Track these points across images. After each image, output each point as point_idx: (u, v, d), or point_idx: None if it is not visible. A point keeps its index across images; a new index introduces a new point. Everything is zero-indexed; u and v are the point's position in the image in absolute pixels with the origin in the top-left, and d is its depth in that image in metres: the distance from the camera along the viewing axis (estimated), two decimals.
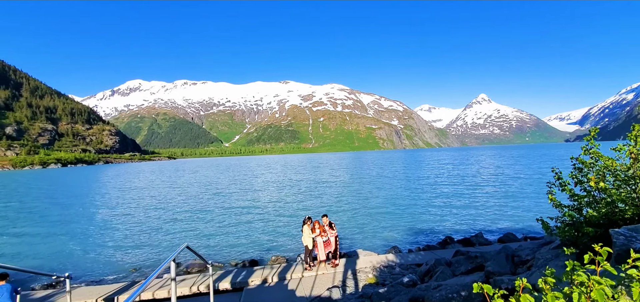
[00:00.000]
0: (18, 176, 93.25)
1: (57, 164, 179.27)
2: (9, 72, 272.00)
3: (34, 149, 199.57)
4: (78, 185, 50.70)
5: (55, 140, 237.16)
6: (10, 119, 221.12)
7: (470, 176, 40.78)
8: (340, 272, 8.76)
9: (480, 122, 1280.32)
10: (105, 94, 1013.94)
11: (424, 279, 7.08)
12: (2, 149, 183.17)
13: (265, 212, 21.40)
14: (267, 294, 7.67)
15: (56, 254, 13.57)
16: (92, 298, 7.73)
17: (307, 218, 9.32)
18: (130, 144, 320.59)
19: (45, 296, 8.17)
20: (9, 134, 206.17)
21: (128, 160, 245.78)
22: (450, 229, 15.73)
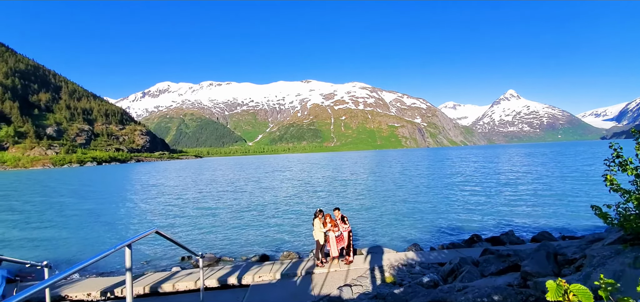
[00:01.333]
0: (57, 173, 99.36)
1: (93, 163, 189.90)
2: (49, 77, 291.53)
3: (72, 148, 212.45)
4: (108, 182, 53.05)
5: (91, 140, 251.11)
6: (50, 121, 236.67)
7: (498, 174, 38.51)
8: (353, 269, 8.10)
9: (509, 119, 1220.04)
10: (136, 96, 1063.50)
11: (447, 279, 6.27)
12: (44, 148, 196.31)
13: (282, 208, 21.03)
14: (274, 290, 7.15)
15: (71, 245, 13.83)
16: (95, 290, 7.55)
17: (318, 211, 8.71)
18: (160, 144, 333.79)
19: (53, 285, 8.09)
20: (50, 134, 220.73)
21: (157, 159, 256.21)
22: (477, 227, 14.56)
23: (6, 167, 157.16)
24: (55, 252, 12.89)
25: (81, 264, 2.21)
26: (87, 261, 2.16)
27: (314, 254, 9.57)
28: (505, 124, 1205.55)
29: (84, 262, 2.28)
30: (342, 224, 8.61)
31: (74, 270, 2.05)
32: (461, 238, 12.79)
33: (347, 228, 8.62)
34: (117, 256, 11.85)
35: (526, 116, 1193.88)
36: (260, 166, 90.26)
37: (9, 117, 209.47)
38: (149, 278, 8.25)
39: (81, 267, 2.00)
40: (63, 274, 1.96)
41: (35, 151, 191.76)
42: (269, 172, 58.12)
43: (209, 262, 10.24)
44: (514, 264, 5.42)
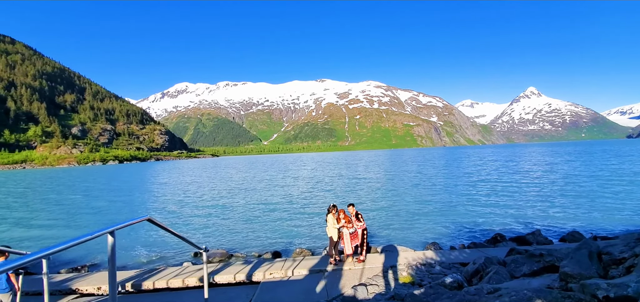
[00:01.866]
0: (80, 171, 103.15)
1: (115, 161, 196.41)
2: (74, 78, 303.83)
3: (95, 147, 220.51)
4: (127, 179, 54.49)
5: (113, 139, 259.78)
6: (75, 121, 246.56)
7: (520, 172, 36.97)
8: (369, 268, 7.69)
9: (529, 117, 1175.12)
10: (156, 97, 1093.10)
11: (471, 280, 5.78)
12: (69, 147, 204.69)
13: (295, 206, 20.78)
14: (285, 289, 6.84)
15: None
16: (105, 283, 7.46)
17: (331, 206, 8.33)
18: (178, 143, 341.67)
19: (64, 279, 8.09)
20: (75, 133, 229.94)
21: (176, 157, 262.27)
22: (500, 227, 13.80)
23: (34, 165, 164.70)
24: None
25: (54, 247, 1.88)
26: (61, 244, 1.88)
27: (327, 251, 9.22)
28: (525, 122, 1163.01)
29: (59, 245, 1.93)
30: (356, 221, 8.21)
31: (44, 254, 1.80)
32: (483, 237, 12.13)
33: (362, 226, 8.22)
34: (129, 250, 11.89)
35: (547, 114, 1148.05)
36: (274, 164, 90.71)
37: (36, 117, 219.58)
38: (156, 273, 8.11)
39: (54, 251, 1.77)
40: (31, 257, 1.77)
41: (61, 150, 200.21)
42: (283, 171, 58.20)
43: (220, 258, 10.06)
44: (550, 264, 4.87)
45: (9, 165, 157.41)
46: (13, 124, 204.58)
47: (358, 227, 8.18)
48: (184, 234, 13.74)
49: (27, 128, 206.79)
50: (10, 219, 20.33)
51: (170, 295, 7.06)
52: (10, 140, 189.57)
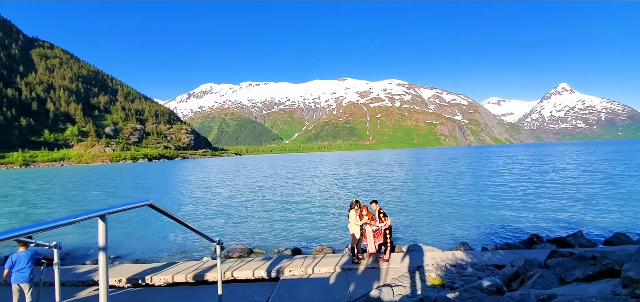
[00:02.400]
0: (112, 168, 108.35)
1: (144, 159, 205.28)
2: (107, 81, 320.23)
3: (126, 145, 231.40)
4: (158, 176, 56.51)
5: (143, 138, 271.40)
6: (108, 121, 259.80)
7: (554, 171, 34.76)
8: (393, 268, 7.24)
9: (560, 115, 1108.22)
10: (182, 97, 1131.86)
11: (510, 284, 5.22)
12: (103, 146, 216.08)
13: (316, 203, 20.51)
14: (305, 287, 6.55)
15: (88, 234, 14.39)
16: (125, 276, 7.48)
17: (354, 202, 7.95)
18: (203, 142, 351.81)
19: (85, 272, 8.21)
20: (107, 133, 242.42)
21: (201, 156, 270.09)
22: (534, 227, 12.84)
23: (71, 162, 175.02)
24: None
25: (33, 226, 1.66)
26: (44, 224, 1.71)
27: (348, 249, 8.84)
28: (557, 120, 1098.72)
29: (42, 224, 1.71)
30: (380, 218, 7.79)
31: (24, 232, 1.63)
32: (516, 238, 11.29)
33: (387, 224, 7.78)
34: (148, 243, 12.04)
35: (581, 112, 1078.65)
36: (295, 162, 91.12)
37: (73, 118, 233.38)
38: (173, 267, 8.06)
39: (34, 231, 1.64)
40: (11, 233, 1.58)
41: (96, 148, 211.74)
42: (304, 169, 58.23)
43: (240, 253, 9.94)
44: (609, 268, 4.23)
45: (48, 162, 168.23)
46: (52, 124, 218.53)
47: (382, 225, 7.76)
48: (204, 229, 13.78)
49: (64, 128, 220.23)
50: (33, 214, 21.46)
51: (187, 290, 6.96)
52: (50, 139, 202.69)
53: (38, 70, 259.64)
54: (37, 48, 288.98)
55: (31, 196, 31.14)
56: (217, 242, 4.81)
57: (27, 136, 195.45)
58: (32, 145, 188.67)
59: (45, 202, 26.28)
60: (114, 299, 6.55)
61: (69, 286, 7.28)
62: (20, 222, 17.89)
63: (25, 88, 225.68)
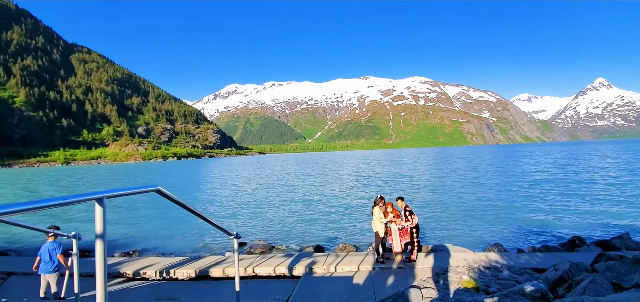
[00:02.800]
0: (145, 166, 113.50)
1: (174, 158, 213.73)
2: (139, 83, 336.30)
3: (157, 145, 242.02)
4: (184, 174, 58.48)
5: (172, 138, 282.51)
6: (141, 121, 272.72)
7: (591, 171, 32.31)
8: (421, 268, 6.84)
9: (598, 112, 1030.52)
10: (209, 98, 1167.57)
11: (555, 290, 4.69)
12: (136, 145, 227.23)
13: (339, 200, 20.23)
14: (327, 286, 6.31)
15: (140, 229, 14.85)
16: (152, 268, 7.58)
17: (378, 198, 7.60)
18: (229, 141, 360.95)
19: (112, 264, 8.41)
20: (140, 133, 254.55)
21: (226, 155, 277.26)
22: (573, 229, 11.83)
23: (107, 160, 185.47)
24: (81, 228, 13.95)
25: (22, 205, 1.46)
26: (34, 203, 1.55)
27: (373, 247, 8.51)
28: (593, 117, 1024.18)
29: (32, 203, 1.53)
30: (406, 216, 7.42)
31: (9, 210, 1.40)
32: (555, 240, 10.44)
33: (414, 222, 7.38)
34: (170, 237, 12.27)
35: (620, 108, 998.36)
36: (318, 161, 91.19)
37: (109, 118, 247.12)
38: (196, 261, 8.08)
39: (21, 210, 1.47)
40: None
41: (129, 148, 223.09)
42: (327, 167, 58.06)
43: (262, 249, 9.87)
44: None
45: (87, 160, 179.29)
46: (90, 124, 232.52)
47: (408, 223, 7.38)
48: (225, 224, 13.89)
49: (101, 128, 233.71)
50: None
51: (208, 284, 6.93)
52: (88, 139, 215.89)
53: (77, 74, 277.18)
54: (76, 53, 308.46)
55: (64, 191, 33.12)
56: (234, 235, 4.59)
57: (68, 136, 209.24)
58: (72, 144, 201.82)
59: None
60: (138, 292, 6.63)
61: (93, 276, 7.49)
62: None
63: (66, 91, 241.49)
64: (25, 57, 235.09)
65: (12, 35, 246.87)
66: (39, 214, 17.04)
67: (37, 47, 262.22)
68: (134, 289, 6.61)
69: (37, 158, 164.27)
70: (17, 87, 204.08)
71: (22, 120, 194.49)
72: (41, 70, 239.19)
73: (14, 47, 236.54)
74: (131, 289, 6.62)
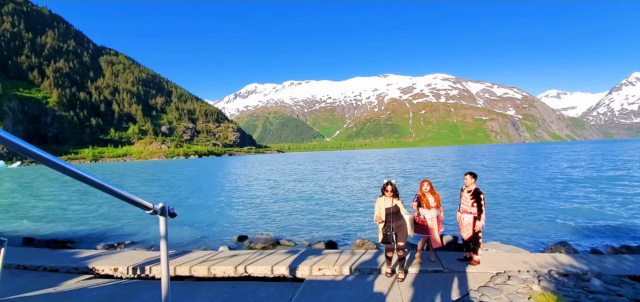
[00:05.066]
0: (167, 163, 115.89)
1: (195, 155, 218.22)
2: (163, 83, 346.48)
3: (180, 143, 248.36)
4: (203, 170, 58.46)
5: (194, 136, 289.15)
6: (164, 120, 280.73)
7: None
8: (471, 273, 5.09)
9: (634, 108, 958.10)
10: (229, 98, 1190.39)
11: None
12: (159, 143, 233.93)
13: (359, 196, 18.51)
14: (337, 292, 4.70)
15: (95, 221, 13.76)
16: (123, 265, 6.23)
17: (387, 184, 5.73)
18: (248, 139, 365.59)
19: (88, 256, 7.16)
20: (163, 131, 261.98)
21: (246, 153, 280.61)
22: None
23: (132, 158, 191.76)
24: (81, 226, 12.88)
25: None
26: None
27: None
28: (629, 114, 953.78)
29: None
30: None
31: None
32: (631, 240, 8.29)
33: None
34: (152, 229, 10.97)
35: None
36: (336, 159, 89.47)
37: (134, 117, 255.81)
38: (178, 258, 6.67)
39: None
40: None
41: (153, 146, 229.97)
42: (345, 164, 56.26)
43: (264, 244, 8.36)
44: None
45: (114, 158, 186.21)
46: (117, 123, 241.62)
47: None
48: (232, 218, 12.48)
49: (127, 127, 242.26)
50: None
51: (186, 285, 5.47)
52: (115, 137, 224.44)
53: (105, 75, 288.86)
54: (104, 55, 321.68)
55: None
56: (157, 211, 2.19)
57: (97, 134, 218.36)
58: (101, 142, 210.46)
59: None
60: (97, 292, 5.29)
61: (62, 272, 6.23)
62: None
63: (95, 92, 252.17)
64: (57, 60, 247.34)
65: (46, 39, 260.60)
66: None
67: (69, 50, 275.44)
68: (93, 289, 5.25)
69: (68, 155, 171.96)
70: (50, 89, 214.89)
71: (54, 120, 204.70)
72: (72, 72, 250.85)
73: (48, 51, 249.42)
74: (90, 289, 5.26)
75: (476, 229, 5.35)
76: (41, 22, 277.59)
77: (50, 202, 19.76)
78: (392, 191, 4.99)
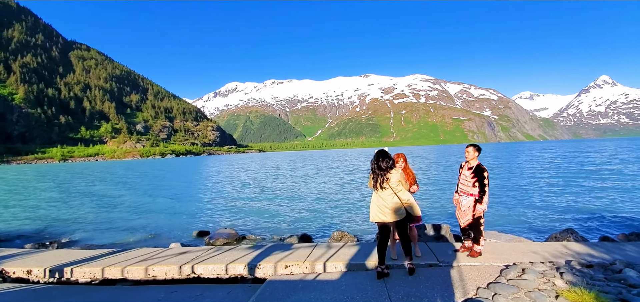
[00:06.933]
0: (141, 163, 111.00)
1: (172, 155, 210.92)
2: (138, 80, 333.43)
3: (156, 142, 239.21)
4: (178, 168, 55.84)
5: (171, 135, 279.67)
6: (139, 118, 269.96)
7: (615, 163, 29.53)
8: (468, 266, 4.16)
9: (601, 109, 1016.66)
10: (209, 96, 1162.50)
11: None
12: (134, 142, 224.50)
13: (342, 193, 17.53)
14: (307, 294, 3.76)
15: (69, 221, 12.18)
16: (38, 267, 4.86)
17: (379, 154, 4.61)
18: (228, 139, 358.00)
19: (6, 256, 5.71)
20: (138, 130, 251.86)
21: (226, 152, 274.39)
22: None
23: (105, 157, 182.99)
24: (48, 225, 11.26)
25: None
26: None
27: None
28: (596, 115, 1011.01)
29: None
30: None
31: None
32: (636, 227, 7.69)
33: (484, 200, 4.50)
34: (91, 223, 9.56)
35: (624, 106, 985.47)
36: (317, 157, 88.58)
37: (107, 115, 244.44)
38: (113, 256, 5.37)
39: None
40: None
41: (127, 145, 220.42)
42: (328, 161, 55.40)
43: (226, 240, 7.14)
44: None
45: (84, 157, 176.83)
46: (88, 121, 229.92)
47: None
48: (193, 213, 11.08)
49: (99, 125, 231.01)
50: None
51: (116, 290, 4.26)
52: (86, 136, 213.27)
53: (76, 71, 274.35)
54: (75, 50, 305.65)
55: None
56: None
57: (66, 133, 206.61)
58: (70, 141, 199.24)
59: None
60: (6, 298, 4.13)
61: None
62: None
63: (64, 88, 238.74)
64: (25, 55, 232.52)
65: (13, 32, 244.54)
66: None
67: (37, 45, 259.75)
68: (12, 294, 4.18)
69: (35, 155, 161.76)
70: (16, 84, 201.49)
71: (21, 117, 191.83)
72: (40, 67, 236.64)
73: (14, 45, 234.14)
74: None
75: (477, 213, 4.39)
76: (8, 15, 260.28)
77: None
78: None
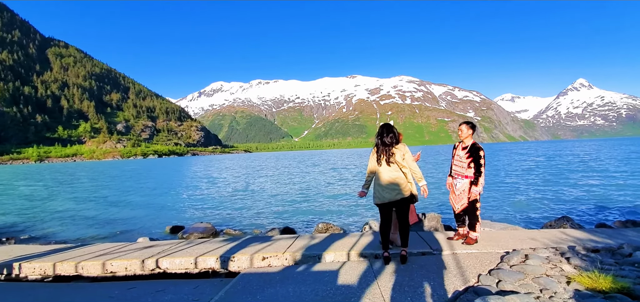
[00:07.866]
0: (121, 163, 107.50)
1: (155, 155, 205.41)
2: (119, 79, 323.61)
3: (137, 142, 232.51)
4: (158, 168, 54.15)
5: (154, 135, 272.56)
6: (120, 118, 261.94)
7: (616, 160, 30.38)
8: (465, 253, 3.94)
9: (578, 111, 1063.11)
10: (193, 96, 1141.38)
11: None
12: (114, 142, 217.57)
13: (326, 187, 17.12)
14: (284, 287, 3.45)
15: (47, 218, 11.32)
16: None
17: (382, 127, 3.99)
18: (213, 139, 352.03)
19: None
20: (119, 130, 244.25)
21: (211, 153, 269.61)
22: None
23: (83, 158, 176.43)
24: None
25: None
26: None
27: (378, 228, 5.31)
28: (574, 117, 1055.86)
29: None
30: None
31: None
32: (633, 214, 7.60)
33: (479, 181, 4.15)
34: (60, 217, 8.83)
35: (600, 108, 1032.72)
36: (304, 157, 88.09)
37: (86, 115, 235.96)
38: (72, 251, 4.76)
39: None
40: None
41: (107, 145, 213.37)
42: (315, 160, 54.97)
43: (201, 234, 6.59)
44: None
45: (62, 158, 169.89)
46: (66, 120, 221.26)
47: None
48: (167, 208, 10.39)
49: (77, 124, 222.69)
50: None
51: (67, 288, 4.07)
52: (64, 135, 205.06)
53: (53, 68, 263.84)
54: (52, 47, 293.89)
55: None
56: None
57: (42, 133, 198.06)
58: (47, 141, 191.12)
59: None
60: None
61: None
62: None
63: (41, 86, 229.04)
64: (0, 52, 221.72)
65: None
66: None
67: (13, 41, 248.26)
68: None
69: (10, 155, 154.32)
70: None
71: None
72: (16, 64, 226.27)
73: None
74: None
75: (472, 196, 4.14)
76: None
77: None
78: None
